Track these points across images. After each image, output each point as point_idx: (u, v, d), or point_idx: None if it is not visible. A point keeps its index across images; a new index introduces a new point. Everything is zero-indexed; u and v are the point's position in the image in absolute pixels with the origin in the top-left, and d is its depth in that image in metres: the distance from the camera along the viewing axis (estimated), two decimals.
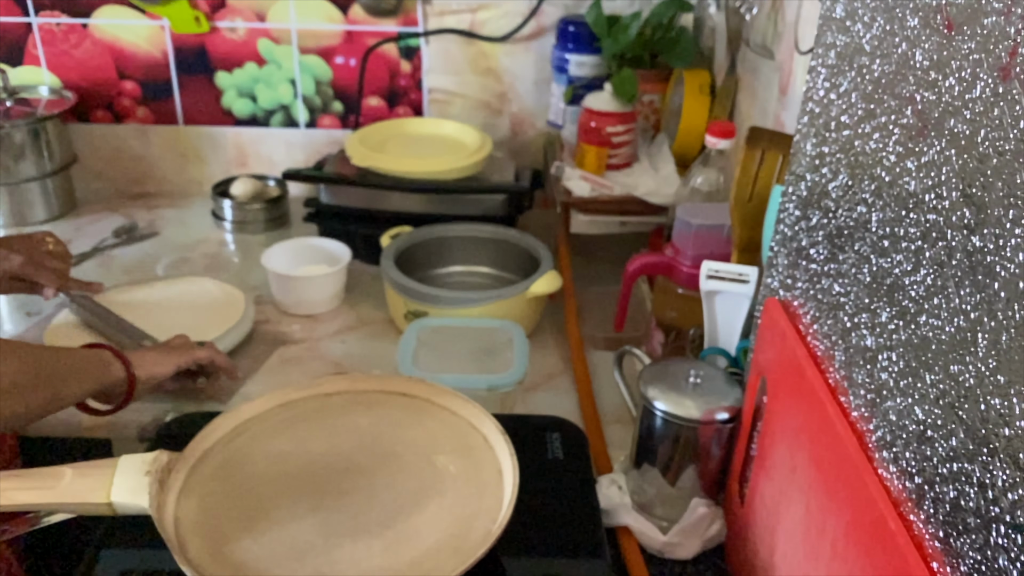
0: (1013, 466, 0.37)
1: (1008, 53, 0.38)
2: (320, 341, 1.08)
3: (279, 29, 1.38)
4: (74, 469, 0.63)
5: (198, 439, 0.72)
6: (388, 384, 0.80)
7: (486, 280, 1.20)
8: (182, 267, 1.24)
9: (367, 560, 0.62)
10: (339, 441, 0.74)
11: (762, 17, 1.04)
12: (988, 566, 0.39)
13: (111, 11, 1.36)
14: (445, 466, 0.71)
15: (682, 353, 0.97)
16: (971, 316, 0.41)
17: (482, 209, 1.23)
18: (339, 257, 1.16)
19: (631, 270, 0.95)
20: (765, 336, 0.70)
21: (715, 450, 0.76)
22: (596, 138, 1.20)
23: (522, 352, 0.90)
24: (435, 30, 1.37)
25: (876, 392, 0.51)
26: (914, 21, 0.48)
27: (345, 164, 1.26)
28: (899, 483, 0.48)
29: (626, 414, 0.91)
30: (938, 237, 0.44)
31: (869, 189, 0.53)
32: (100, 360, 0.81)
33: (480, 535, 0.64)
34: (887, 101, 0.51)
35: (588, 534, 0.73)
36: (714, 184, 0.98)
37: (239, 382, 0.97)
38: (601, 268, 1.23)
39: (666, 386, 0.76)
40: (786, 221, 0.67)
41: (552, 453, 0.82)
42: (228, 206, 1.36)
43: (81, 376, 0.78)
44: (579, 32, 1.28)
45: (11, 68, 1.38)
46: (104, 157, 1.46)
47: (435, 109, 1.44)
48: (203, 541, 0.63)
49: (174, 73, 1.41)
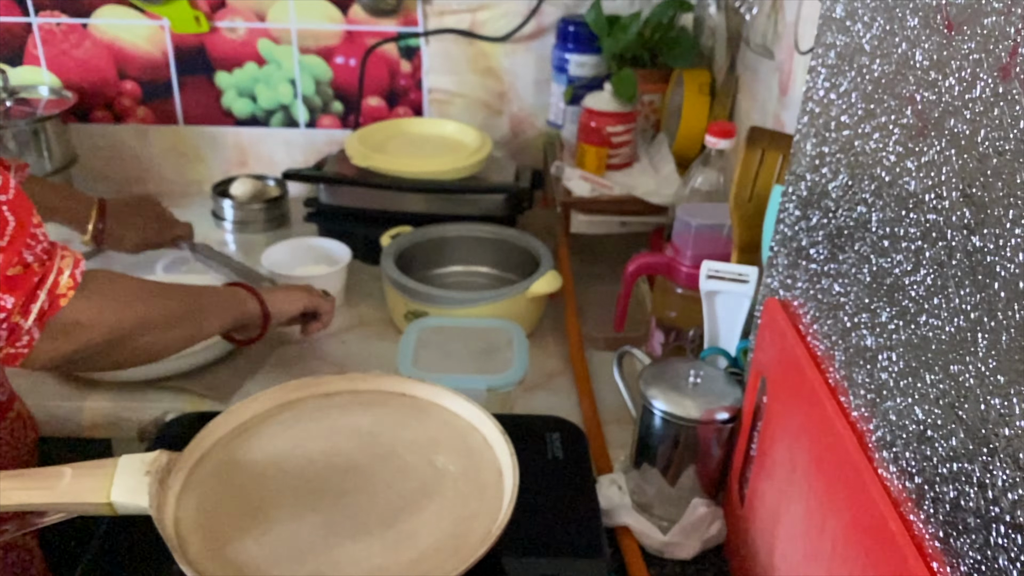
0: (1013, 466, 0.37)
1: (1008, 53, 0.38)
2: (320, 341, 1.08)
3: (279, 29, 1.38)
4: (74, 469, 0.63)
5: (198, 439, 0.72)
6: (388, 384, 0.80)
7: (486, 280, 1.20)
8: (182, 267, 1.24)
9: (367, 560, 0.62)
10: (339, 441, 0.74)
11: (762, 17, 1.04)
12: (988, 566, 0.39)
13: (111, 11, 1.36)
14: (445, 466, 0.71)
15: (682, 353, 0.97)
16: (971, 316, 0.41)
17: (482, 209, 1.23)
18: (339, 257, 1.16)
19: (631, 270, 0.95)
20: (765, 336, 0.70)
21: (715, 450, 0.76)
22: (596, 138, 1.20)
23: (522, 352, 0.90)
24: (435, 30, 1.37)
25: (876, 392, 0.51)
26: (914, 21, 0.48)
27: (345, 164, 1.26)
28: (899, 483, 0.47)
29: (626, 414, 0.91)
30: (938, 237, 0.44)
31: (869, 189, 0.53)
32: (238, 297, 0.89)
33: (480, 535, 0.64)
34: (887, 101, 0.51)
35: (588, 534, 0.73)
36: (714, 184, 0.98)
37: (240, 381, 0.98)
38: (601, 268, 1.23)
39: (666, 386, 0.76)
40: (786, 221, 0.67)
41: (552, 453, 0.82)
42: (228, 206, 1.36)
43: (222, 312, 0.86)
44: (579, 32, 1.28)
45: (11, 68, 1.38)
46: (104, 157, 1.47)
47: (435, 109, 1.44)
48: (203, 541, 0.63)
49: (174, 73, 1.41)
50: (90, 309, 0.70)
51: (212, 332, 0.86)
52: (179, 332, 0.81)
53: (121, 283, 0.76)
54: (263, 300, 0.90)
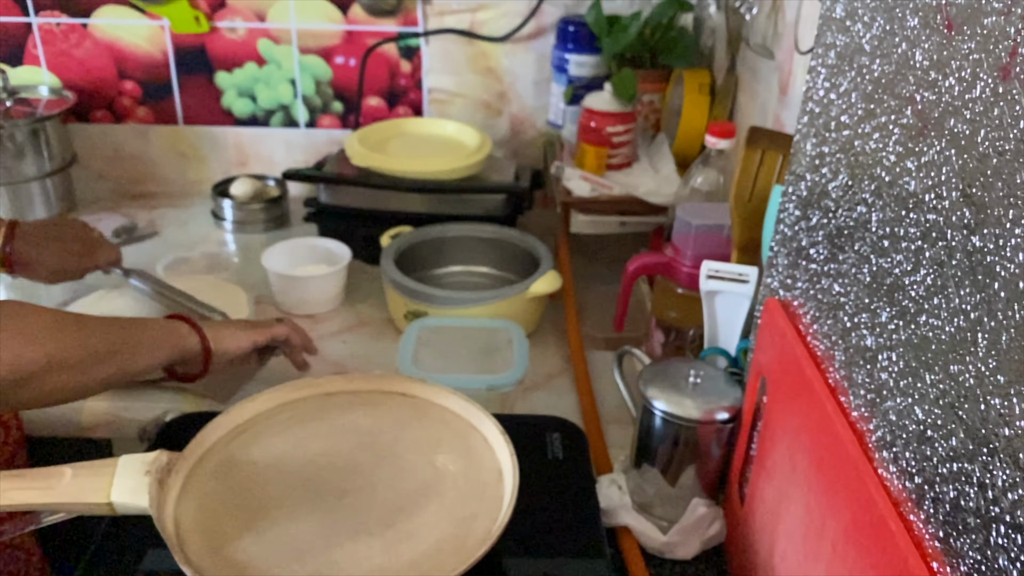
0: (1013, 466, 0.37)
1: (1008, 53, 0.38)
2: (320, 341, 1.07)
3: (279, 29, 1.38)
4: (74, 469, 0.63)
5: (198, 439, 0.72)
6: (388, 384, 0.80)
7: (486, 280, 1.20)
8: (182, 267, 1.24)
9: (367, 560, 0.62)
10: (339, 441, 0.74)
11: (762, 17, 1.04)
12: (988, 566, 0.39)
13: (111, 11, 1.36)
14: (445, 466, 0.71)
15: (682, 353, 0.97)
16: (971, 316, 0.41)
17: (482, 209, 1.23)
18: (339, 257, 1.16)
19: (631, 270, 0.95)
20: (765, 336, 0.70)
21: (715, 450, 0.76)
22: (596, 138, 1.20)
23: (522, 352, 0.90)
24: (435, 30, 1.37)
25: (876, 392, 0.51)
26: (914, 21, 0.48)
27: (345, 164, 1.26)
28: (899, 483, 0.47)
29: (626, 414, 0.91)
30: (938, 237, 0.44)
31: (869, 189, 0.53)
32: (175, 332, 0.81)
33: (480, 535, 0.64)
34: (887, 101, 0.51)
35: (588, 534, 0.73)
36: (714, 184, 0.98)
37: (240, 381, 0.98)
38: (601, 268, 1.23)
39: (666, 386, 0.76)
40: (786, 221, 0.67)
41: (552, 453, 0.82)
42: (228, 206, 1.36)
43: (154, 348, 0.79)
44: (579, 32, 1.28)
45: (11, 68, 1.38)
46: (104, 157, 1.46)
47: (435, 109, 1.44)
48: (203, 541, 0.63)
49: (174, 73, 1.41)
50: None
51: (142, 370, 0.79)
52: (100, 371, 0.74)
53: (31, 317, 0.70)
54: (204, 335, 0.84)
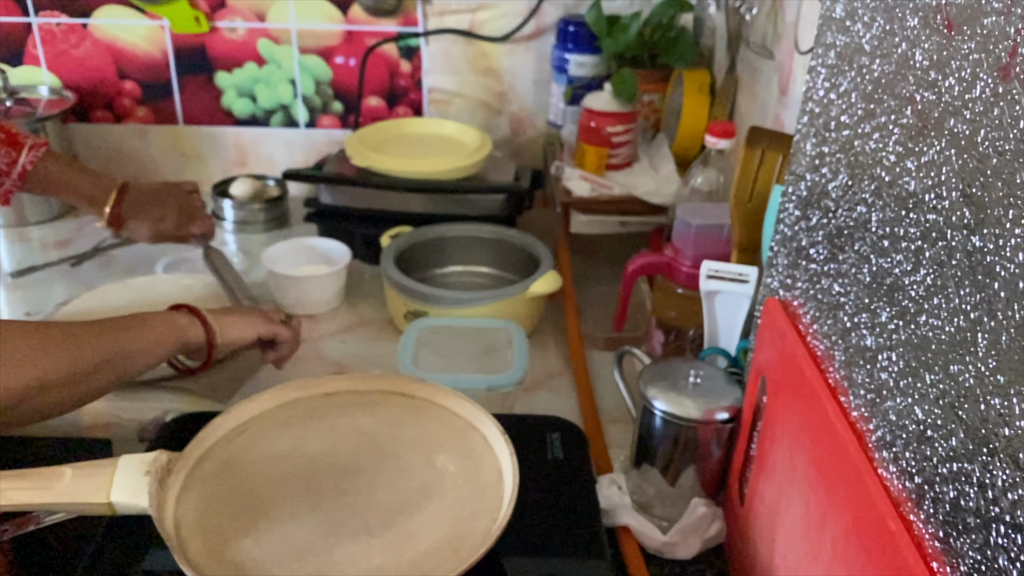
0: (1013, 466, 0.37)
1: (1008, 53, 0.38)
2: (320, 341, 1.08)
3: (279, 29, 1.38)
4: (74, 469, 0.63)
5: (198, 439, 0.72)
6: (388, 384, 0.80)
7: (486, 280, 1.20)
8: (182, 267, 1.24)
9: (367, 560, 0.62)
10: (339, 441, 0.74)
11: (762, 17, 1.04)
12: (988, 566, 0.39)
13: (111, 11, 1.36)
14: (445, 466, 0.71)
15: (682, 353, 0.97)
16: (971, 316, 0.41)
17: (482, 209, 1.23)
18: (339, 257, 1.16)
19: (631, 270, 0.95)
20: (765, 336, 0.70)
21: (715, 450, 0.76)
22: (596, 138, 1.20)
23: (522, 352, 0.90)
24: (435, 30, 1.37)
25: (876, 392, 0.51)
26: (914, 21, 0.48)
27: (345, 164, 1.26)
28: (899, 483, 0.47)
29: (626, 414, 0.91)
30: (938, 237, 0.44)
31: (869, 189, 0.53)
32: (175, 325, 0.82)
33: (480, 535, 0.64)
34: (887, 101, 0.51)
35: (588, 534, 0.73)
36: (714, 184, 0.98)
37: (240, 381, 0.98)
38: (601, 268, 1.22)
39: (666, 386, 0.76)
40: (786, 221, 0.67)
41: (552, 453, 0.82)
42: (228, 206, 1.36)
43: (153, 347, 0.80)
44: (579, 32, 1.28)
45: (11, 68, 1.38)
46: (104, 157, 1.46)
47: (435, 109, 1.44)
48: (203, 541, 0.63)
49: (174, 73, 1.41)
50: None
51: (143, 370, 0.80)
52: (96, 381, 0.73)
53: (17, 340, 0.68)
54: (209, 325, 0.84)
